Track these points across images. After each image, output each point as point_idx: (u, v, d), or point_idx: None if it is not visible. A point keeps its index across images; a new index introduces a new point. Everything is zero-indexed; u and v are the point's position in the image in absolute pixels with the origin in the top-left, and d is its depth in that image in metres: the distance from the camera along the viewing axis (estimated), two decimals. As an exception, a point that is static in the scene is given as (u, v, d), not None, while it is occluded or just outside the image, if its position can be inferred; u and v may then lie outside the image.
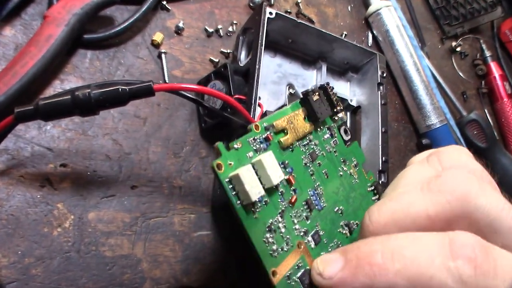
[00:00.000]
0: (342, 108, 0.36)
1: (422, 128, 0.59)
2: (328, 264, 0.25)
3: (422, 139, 0.59)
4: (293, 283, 0.27)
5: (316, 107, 0.32)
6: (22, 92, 0.35)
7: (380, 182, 0.42)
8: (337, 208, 0.33)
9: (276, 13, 0.43)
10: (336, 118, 0.36)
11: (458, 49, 0.71)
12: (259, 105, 0.38)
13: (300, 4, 0.55)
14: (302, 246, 0.29)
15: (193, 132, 0.43)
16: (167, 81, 0.43)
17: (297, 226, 0.29)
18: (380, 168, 0.43)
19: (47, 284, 0.33)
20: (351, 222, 0.33)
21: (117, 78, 0.41)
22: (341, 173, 0.34)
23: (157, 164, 0.41)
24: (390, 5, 0.61)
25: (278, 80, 0.47)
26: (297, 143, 0.31)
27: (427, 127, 0.59)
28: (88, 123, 0.39)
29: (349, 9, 0.62)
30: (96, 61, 0.41)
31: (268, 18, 0.42)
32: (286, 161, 0.30)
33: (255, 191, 0.25)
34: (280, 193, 0.28)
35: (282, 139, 0.29)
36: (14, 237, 0.33)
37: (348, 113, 0.50)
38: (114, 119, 0.40)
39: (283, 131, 0.30)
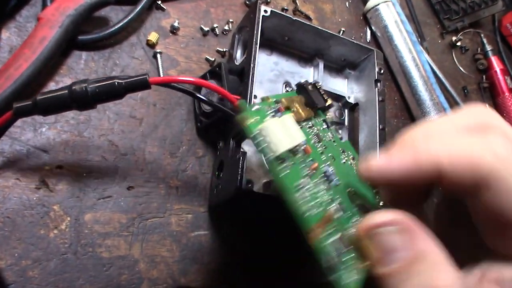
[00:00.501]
0: (331, 104, 0.35)
1: (422, 124, 0.59)
2: (374, 157, 0.26)
3: (422, 135, 0.58)
4: (331, 244, 0.27)
5: (313, 94, 0.33)
6: (16, 94, 0.35)
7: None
8: (350, 188, 0.32)
9: (271, 11, 0.42)
10: (327, 116, 0.36)
11: (459, 43, 0.71)
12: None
13: (297, 1, 0.55)
14: (333, 209, 0.29)
15: (189, 132, 0.43)
16: (162, 81, 0.43)
17: (320, 193, 0.29)
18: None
19: (44, 286, 0.34)
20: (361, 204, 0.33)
21: (112, 79, 0.41)
22: (343, 160, 0.34)
23: (153, 164, 0.40)
24: (389, 1, 0.60)
25: (274, 78, 0.46)
26: (303, 124, 0.31)
27: (427, 123, 0.58)
28: (84, 125, 0.39)
29: (347, 5, 0.61)
30: (91, 62, 0.41)
31: (263, 16, 0.42)
32: None
33: (287, 140, 0.27)
34: (301, 160, 0.29)
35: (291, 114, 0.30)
36: (11, 239, 0.34)
37: (346, 111, 0.50)
38: (110, 120, 0.40)
39: (288, 108, 0.31)
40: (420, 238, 0.23)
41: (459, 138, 0.25)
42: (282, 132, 0.27)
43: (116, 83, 0.30)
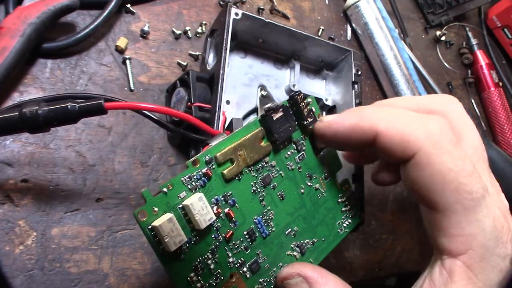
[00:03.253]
0: (314, 119, 0.33)
1: (404, 123, 0.58)
2: (327, 116, 0.31)
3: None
4: None
5: (276, 127, 0.30)
6: (-24, 107, 0.34)
7: (354, 186, 0.41)
8: (289, 229, 0.32)
9: (242, 14, 0.41)
10: (311, 126, 0.34)
11: (443, 38, 0.70)
12: (222, 113, 0.36)
13: (274, 0, 0.54)
14: (235, 278, 0.29)
15: (161, 140, 0.42)
16: (132, 88, 0.42)
17: (231, 259, 0.29)
18: (354, 172, 0.41)
19: (9, 304, 0.33)
20: (305, 241, 0.33)
21: (79, 88, 0.40)
22: (302, 190, 0.33)
23: (123, 174, 0.39)
24: (369, -4, 0.59)
25: (249, 82, 0.45)
26: (247, 170, 0.30)
27: (409, 121, 0.57)
28: (50, 136, 0.38)
29: (327, 2, 0.60)
30: (57, 71, 0.40)
31: (234, 19, 0.41)
32: (229, 192, 0.29)
33: (174, 240, 0.25)
34: (215, 229, 0.28)
35: (225, 171, 0.28)
36: (-26, 257, 0.33)
37: (324, 113, 0.49)
38: (77, 130, 0.39)
39: (229, 160, 0.29)
40: (320, 284, 0.29)
41: (404, 113, 0.28)
42: (177, 228, 0.25)
43: (69, 106, 0.29)
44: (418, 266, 0.55)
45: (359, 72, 0.46)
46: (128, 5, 0.44)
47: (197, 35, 0.47)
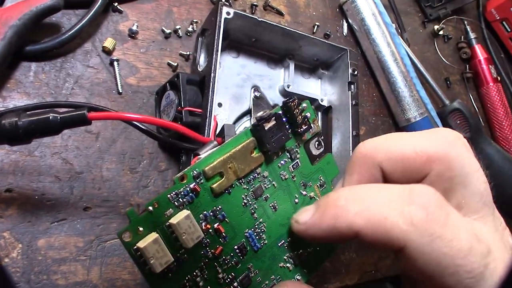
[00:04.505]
0: (309, 126, 0.32)
1: (402, 121, 0.57)
2: (303, 213, 0.28)
3: (402, 133, 0.56)
4: None
5: (268, 138, 0.28)
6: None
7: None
8: (282, 241, 0.31)
9: (234, 12, 0.39)
10: (306, 133, 0.33)
11: (441, 32, 0.68)
12: (214, 119, 0.35)
13: (267, -4, 0.52)
14: None
15: (151, 144, 0.41)
16: (120, 91, 0.40)
17: (221, 275, 0.28)
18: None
19: (-6, 320, 0.32)
20: (299, 252, 0.32)
21: (65, 91, 0.38)
22: (296, 200, 0.32)
23: (112, 182, 0.38)
24: (366, -9, 0.57)
25: (242, 82, 0.44)
26: (238, 182, 0.28)
27: (406, 120, 0.56)
28: (35, 143, 0.36)
29: (322, -3, 0.58)
30: (41, 74, 0.38)
31: (226, 18, 0.39)
32: (219, 207, 0.27)
33: (160, 262, 0.24)
34: (204, 245, 0.27)
35: (215, 186, 0.27)
36: (-44, 272, 0.31)
37: (319, 114, 0.48)
38: (63, 136, 0.37)
39: (218, 174, 0.27)
40: None
41: (382, 199, 0.25)
42: (163, 248, 0.25)
43: (51, 117, 0.27)
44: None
45: (356, 72, 0.45)
46: (116, 4, 0.42)
47: (188, 34, 0.45)
